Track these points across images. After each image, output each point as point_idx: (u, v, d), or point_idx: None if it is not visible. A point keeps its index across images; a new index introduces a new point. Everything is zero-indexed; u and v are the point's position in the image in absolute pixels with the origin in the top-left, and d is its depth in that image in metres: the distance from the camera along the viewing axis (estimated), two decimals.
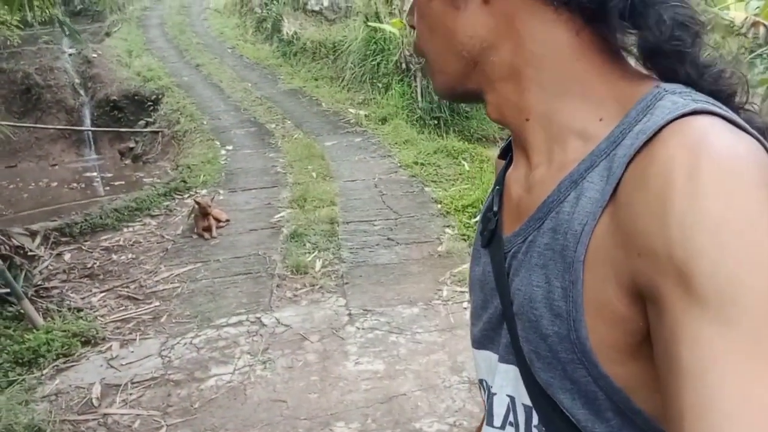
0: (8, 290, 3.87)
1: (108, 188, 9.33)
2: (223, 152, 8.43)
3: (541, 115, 0.61)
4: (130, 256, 5.28)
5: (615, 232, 0.51)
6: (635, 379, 0.52)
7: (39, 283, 4.39)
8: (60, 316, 3.97)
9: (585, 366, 0.54)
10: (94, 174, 10.54)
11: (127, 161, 10.84)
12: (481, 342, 0.70)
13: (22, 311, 3.87)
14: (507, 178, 0.70)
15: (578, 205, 0.55)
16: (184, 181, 7.15)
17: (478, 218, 0.84)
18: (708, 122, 0.49)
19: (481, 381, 0.71)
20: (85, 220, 5.83)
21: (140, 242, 5.61)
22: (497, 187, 0.71)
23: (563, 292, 0.55)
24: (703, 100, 0.53)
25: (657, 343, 0.48)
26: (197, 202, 5.49)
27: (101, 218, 5.92)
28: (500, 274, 0.65)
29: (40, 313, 3.97)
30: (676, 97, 0.53)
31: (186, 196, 6.78)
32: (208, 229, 5.50)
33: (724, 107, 0.52)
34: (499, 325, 0.66)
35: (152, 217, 6.27)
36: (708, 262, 0.44)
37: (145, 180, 8.97)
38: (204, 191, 6.83)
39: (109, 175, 10.26)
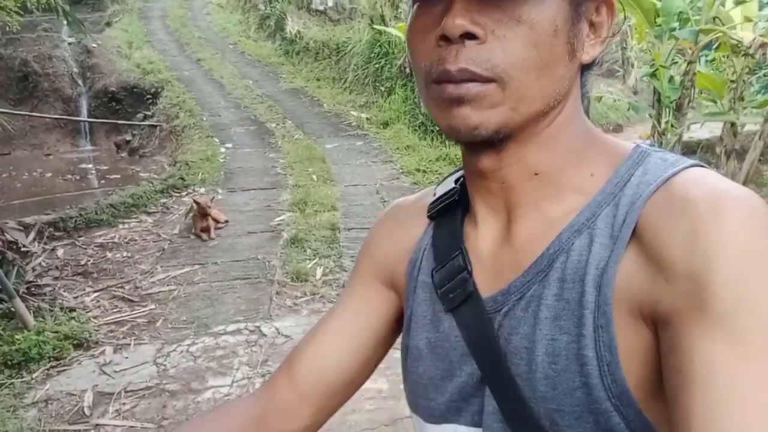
0: None
1: (103, 181, 9.18)
2: (223, 150, 8.30)
3: (551, 172, 0.61)
4: (125, 254, 5.15)
5: (643, 269, 0.53)
6: (662, 416, 0.52)
7: (31, 280, 4.25)
8: (52, 316, 3.84)
9: (620, 411, 0.53)
10: (89, 166, 10.39)
11: (123, 154, 10.68)
12: (443, 416, 0.65)
13: (13, 309, 3.73)
14: (467, 236, 0.67)
15: (591, 252, 0.56)
16: (182, 179, 7.02)
17: (418, 280, 0.71)
18: (710, 173, 0.56)
19: None
20: (80, 214, 5.70)
21: (136, 240, 5.49)
22: (458, 247, 0.66)
23: (589, 340, 0.54)
24: (687, 160, 0.58)
25: (667, 365, 0.50)
26: (196, 202, 5.37)
27: (96, 213, 5.79)
28: (481, 337, 0.61)
29: (31, 312, 3.84)
30: (661, 154, 0.59)
31: (184, 193, 6.66)
32: (207, 230, 5.38)
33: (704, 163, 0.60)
34: (474, 394, 0.63)
35: (148, 214, 6.14)
36: (728, 284, 0.47)
37: (141, 174, 8.82)
38: (202, 190, 6.70)
39: (105, 167, 10.10)
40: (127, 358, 3.55)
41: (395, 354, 0.76)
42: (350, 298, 0.77)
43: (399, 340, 0.76)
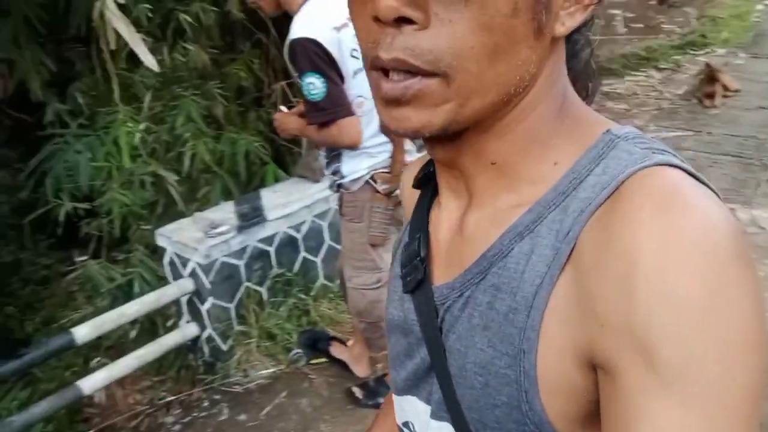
0: None
1: (626, 29, 9.20)
2: (760, 8, 7.31)
3: (510, 160, 0.53)
4: (623, 107, 5.31)
5: (576, 298, 0.46)
6: None
7: None
8: None
9: None
10: (617, 12, 10.45)
11: (653, 2, 10.36)
12: (405, 389, 0.64)
13: None
14: (431, 219, 0.62)
15: (528, 263, 0.50)
16: (704, 36, 6.57)
17: (396, 254, 0.70)
18: (673, 180, 0.45)
19: (405, 423, 0.66)
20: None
21: (638, 94, 5.56)
22: (420, 228, 0.62)
23: (512, 360, 0.50)
24: (660, 148, 0.49)
25: (608, 414, 0.44)
26: (708, 64, 5.07)
27: (607, 63, 6.00)
28: (429, 326, 0.58)
29: None
30: (630, 145, 0.49)
31: (701, 52, 6.28)
32: (712, 95, 5.07)
33: (678, 155, 0.49)
34: (426, 377, 0.61)
35: (658, 70, 6.06)
36: (674, 344, 0.41)
37: (664, 26, 8.51)
38: (722, 51, 6.19)
39: (632, 14, 10.04)
40: None
41: None
42: None
43: None
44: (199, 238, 2.56)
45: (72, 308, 3.37)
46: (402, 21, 0.46)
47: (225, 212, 2.75)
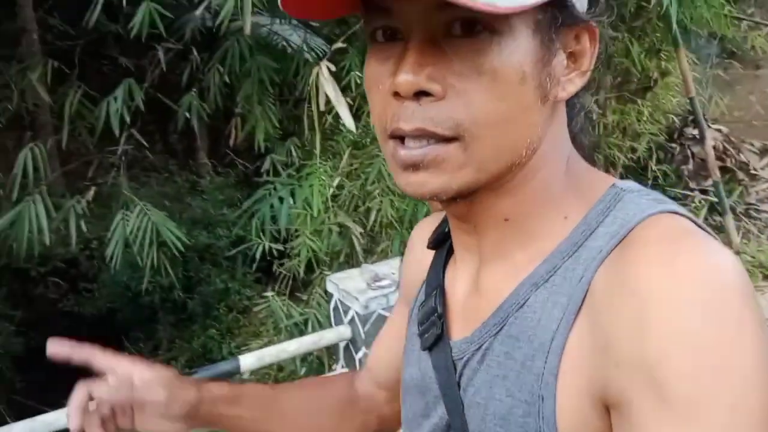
0: (717, 200, 4.07)
1: None
2: None
3: (522, 217, 0.56)
4: None
5: (591, 340, 0.48)
6: None
7: (751, 203, 4.40)
8: (757, 242, 3.96)
9: None
10: None
11: None
12: None
13: (722, 225, 4.03)
14: (447, 277, 0.65)
15: (545, 311, 0.51)
16: None
17: (412, 314, 0.70)
18: (680, 225, 0.49)
19: None
20: None
21: None
22: (437, 285, 0.64)
23: (531, 408, 0.50)
24: (665, 200, 0.53)
25: None
26: None
27: None
28: (448, 382, 0.59)
29: (740, 232, 4.05)
30: (636, 197, 0.53)
31: None
32: None
33: (681, 207, 0.52)
34: None
35: None
36: (686, 378, 0.42)
37: None
38: None
39: None
40: None
41: None
42: (398, 303, 0.81)
43: None
44: (362, 289, 2.71)
45: (260, 337, 3.75)
46: (421, 94, 0.49)
47: (391, 267, 2.88)
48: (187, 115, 3.73)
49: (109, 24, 4.13)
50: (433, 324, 0.62)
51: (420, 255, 0.71)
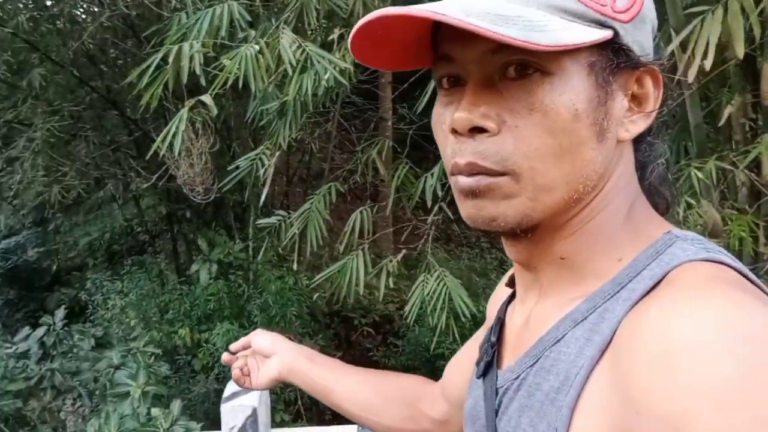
0: None
1: None
2: None
3: (577, 255, 0.57)
4: None
5: (612, 380, 0.47)
6: None
7: None
8: None
9: None
10: None
11: None
12: None
13: None
14: (508, 311, 0.68)
15: (578, 348, 0.52)
16: None
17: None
18: (714, 273, 0.48)
19: None
20: None
21: None
22: (498, 317, 0.69)
23: None
24: (716, 249, 0.52)
25: None
26: None
27: None
28: (489, 411, 0.61)
29: None
30: (687, 244, 0.53)
31: None
32: None
33: (735, 258, 0.51)
34: None
35: None
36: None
37: None
38: None
39: None
40: None
41: None
42: (480, 330, 0.81)
43: None
44: None
45: None
46: (476, 131, 0.53)
47: None
48: None
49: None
50: (485, 352, 0.66)
51: (501, 292, 0.75)
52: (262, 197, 3.35)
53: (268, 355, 1.02)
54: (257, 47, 2.53)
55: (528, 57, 0.51)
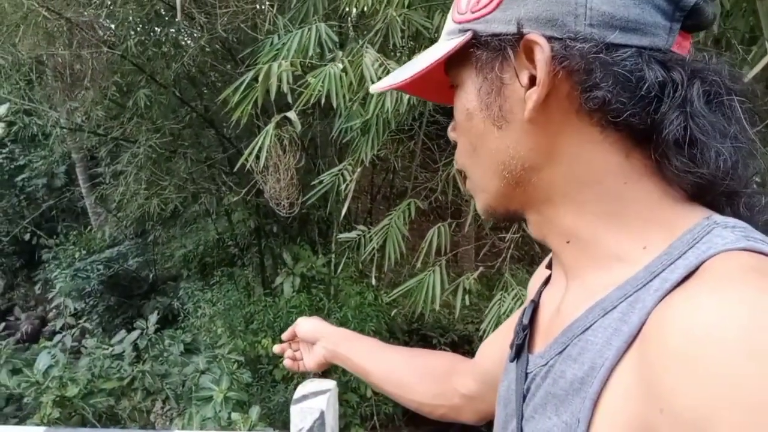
0: None
1: None
2: None
3: (582, 239, 0.57)
4: None
5: (638, 374, 0.46)
6: None
7: None
8: None
9: None
10: None
11: None
12: None
13: None
14: (543, 295, 0.69)
15: (606, 337, 0.51)
16: None
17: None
18: (750, 263, 0.45)
19: None
20: None
21: None
22: (533, 300, 0.69)
23: (568, 430, 0.51)
24: (760, 238, 0.48)
25: None
26: None
27: None
28: (518, 395, 0.61)
29: None
30: (726, 232, 0.49)
31: None
32: None
33: None
34: None
35: None
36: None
37: None
38: None
39: None
40: None
41: None
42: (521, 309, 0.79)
43: None
44: None
45: None
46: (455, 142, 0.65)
47: None
48: None
49: None
50: (517, 335, 0.66)
51: (540, 274, 0.76)
52: (343, 211, 3.44)
53: (313, 342, 1.10)
54: (341, 66, 2.63)
55: (447, 78, 0.62)
